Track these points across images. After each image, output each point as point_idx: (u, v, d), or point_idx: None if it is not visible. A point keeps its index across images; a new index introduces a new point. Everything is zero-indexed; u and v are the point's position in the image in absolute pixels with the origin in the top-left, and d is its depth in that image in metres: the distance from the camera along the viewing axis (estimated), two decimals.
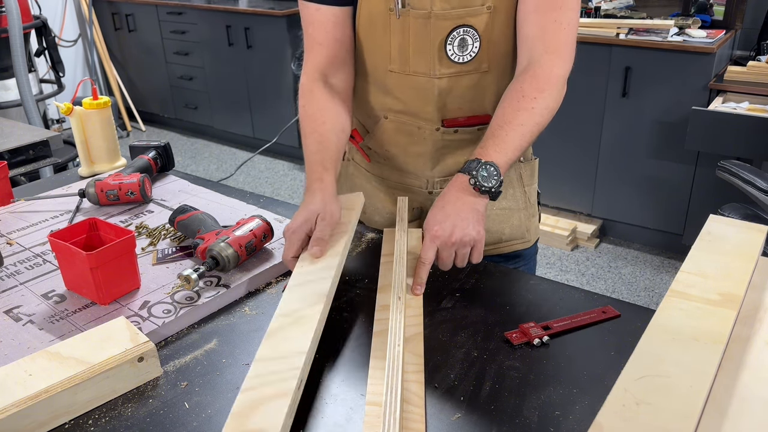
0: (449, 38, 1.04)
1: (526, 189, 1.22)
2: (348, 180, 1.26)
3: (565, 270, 3.00)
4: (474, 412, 0.72)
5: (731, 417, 0.62)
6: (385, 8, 1.05)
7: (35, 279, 0.97)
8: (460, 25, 1.03)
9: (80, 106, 1.34)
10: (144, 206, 1.21)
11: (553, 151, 3.05)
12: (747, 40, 3.04)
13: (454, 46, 1.05)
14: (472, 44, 1.05)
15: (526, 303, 0.92)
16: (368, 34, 1.09)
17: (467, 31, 1.04)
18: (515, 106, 1.01)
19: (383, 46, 1.08)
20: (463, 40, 1.04)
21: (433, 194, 1.18)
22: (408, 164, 1.17)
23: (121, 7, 4.66)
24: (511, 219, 1.21)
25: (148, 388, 0.77)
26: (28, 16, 3.03)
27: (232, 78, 4.28)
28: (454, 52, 1.05)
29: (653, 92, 2.79)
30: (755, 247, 0.87)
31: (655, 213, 3.02)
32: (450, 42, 1.04)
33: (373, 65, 1.11)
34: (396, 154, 1.17)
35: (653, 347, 0.68)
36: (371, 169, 1.22)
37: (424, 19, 1.03)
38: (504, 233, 1.21)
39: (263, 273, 0.97)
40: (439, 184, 1.17)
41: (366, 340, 0.84)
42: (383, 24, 1.06)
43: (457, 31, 1.04)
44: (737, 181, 2.07)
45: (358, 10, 1.07)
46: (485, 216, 0.98)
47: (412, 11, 1.03)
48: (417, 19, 1.03)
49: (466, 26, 1.04)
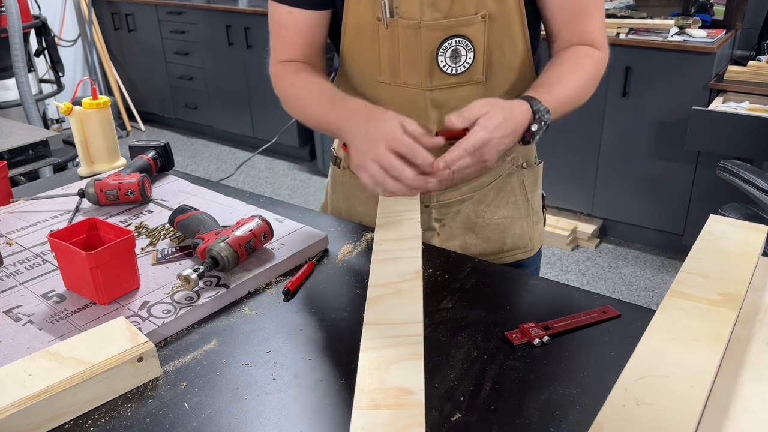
0: (441, 49, 1.00)
1: (529, 196, 1.17)
2: (344, 188, 1.22)
3: (565, 270, 3.00)
4: (474, 412, 0.72)
5: (731, 417, 0.62)
6: (372, 18, 1.00)
7: (35, 279, 0.97)
8: (452, 36, 0.99)
9: (80, 106, 1.34)
10: (144, 206, 1.21)
11: (554, 151, 3.05)
12: (747, 40, 3.04)
13: (446, 58, 1.00)
14: (465, 55, 1.01)
15: (526, 303, 0.92)
16: (355, 44, 1.05)
17: (460, 41, 1.00)
18: (572, 71, 1.01)
19: (372, 56, 1.04)
20: (456, 51, 1.00)
21: (430, 207, 1.14)
22: None
23: (121, 6, 4.66)
24: (512, 228, 1.16)
25: (148, 388, 0.77)
26: (27, 15, 3.04)
27: (232, 78, 4.28)
28: (446, 63, 1.01)
29: (653, 92, 2.79)
30: (755, 247, 0.87)
31: (656, 213, 3.02)
32: (442, 53, 1.00)
33: (361, 76, 1.07)
34: None
35: (653, 347, 0.68)
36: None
37: (414, 29, 0.99)
38: (506, 243, 1.17)
39: (263, 273, 0.97)
40: (435, 196, 1.14)
41: None
42: (371, 34, 1.02)
43: (449, 41, 1.00)
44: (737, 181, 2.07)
45: (344, 19, 1.03)
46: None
47: (401, 21, 0.99)
48: (406, 29, 0.99)
49: (459, 36, 0.99)
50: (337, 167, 1.24)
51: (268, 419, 0.71)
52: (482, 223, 1.15)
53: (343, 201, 1.23)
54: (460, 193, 1.14)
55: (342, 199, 1.23)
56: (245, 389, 0.76)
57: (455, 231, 1.16)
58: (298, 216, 1.15)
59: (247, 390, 0.76)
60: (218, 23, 4.14)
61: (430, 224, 1.15)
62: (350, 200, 1.22)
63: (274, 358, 0.81)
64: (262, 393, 0.75)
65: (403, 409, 0.64)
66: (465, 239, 1.16)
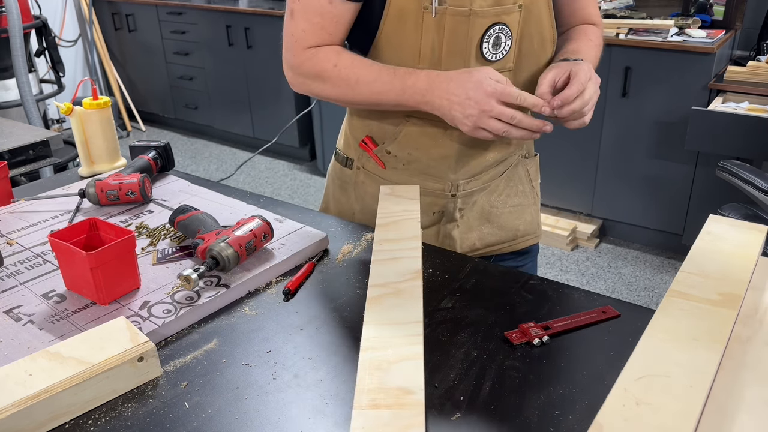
0: (485, 36, 1.03)
1: (533, 184, 1.24)
2: (357, 188, 1.22)
3: (565, 270, 3.00)
4: (474, 412, 0.72)
5: (731, 417, 0.62)
6: (418, 6, 1.01)
7: (35, 279, 0.97)
8: (496, 23, 1.03)
9: (80, 106, 1.34)
10: (144, 206, 1.21)
11: (553, 151, 3.05)
12: (747, 40, 3.05)
13: (490, 45, 1.04)
14: (505, 42, 1.05)
15: (526, 303, 0.92)
16: (396, 32, 1.05)
17: (502, 29, 1.04)
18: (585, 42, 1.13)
19: (413, 45, 1.05)
20: (498, 38, 1.04)
21: (457, 196, 1.16)
22: (430, 167, 1.14)
23: (121, 7, 4.66)
24: (524, 215, 1.22)
25: (148, 388, 0.77)
26: (28, 16, 3.03)
27: (232, 78, 4.28)
28: (489, 50, 1.05)
29: (653, 92, 2.80)
30: (755, 247, 0.87)
31: (655, 213, 3.02)
32: (486, 40, 1.04)
33: (397, 64, 1.06)
34: (418, 157, 1.14)
35: (653, 347, 0.68)
36: (385, 175, 1.17)
37: (464, 17, 1.01)
38: (519, 230, 1.23)
39: (263, 273, 0.98)
40: (462, 186, 1.15)
41: None
42: (415, 22, 1.03)
43: (493, 29, 1.03)
44: (737, 181, 2.07)
45: (387, 6, 1.03)
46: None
47: (450, 9, 1.01)
48: (455, 17, 1.01)
49: (501, 24, 1.03)
50: (348, 168, 1.22)
51: (268, 419, 0.71)
52: (496, 213, 1.21)
53: (356, 202, 1.23)
54: (482, 182, 1.18)
55: (355, 200, 1.23)
56: (245, 389, 0.76)
57: (472, 222, 1.20)
58: (298, 216, 1.15)
59: (247, 390, 0.76)
60: (218, 23, 4.14)
61: (453, 215, 1.18)
62: (365, 200, 1.21)
63: (274, 358, 0.81)
64: (262, 393, 0.75)
65: (403, 409, 0.65)
66: (482, 230, 1.21)
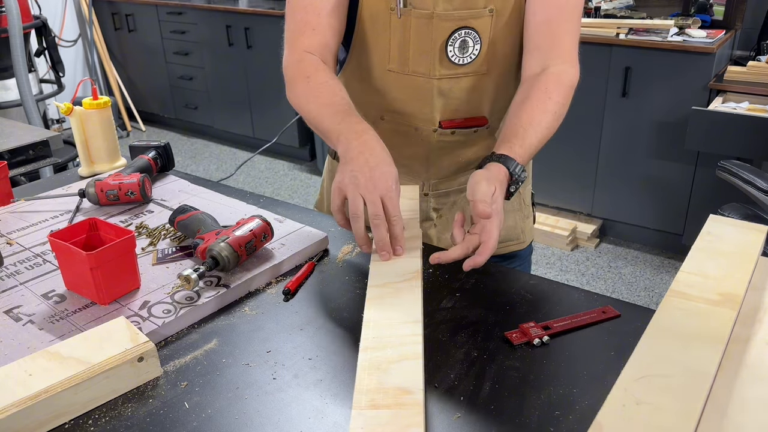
0: (450, 39, 1.04)
1: (521, 190, 1.22)
2: None
3: (565, 270, 3.00)
4: (474, 412, 0.72)
5: (731, 417, 0.62)
6: (386, 7, 1.04)
7: (35, 279, 0.97)
8: (462, 27, 1.03)
9: (80, 106, 1.34)
10: (144, 206, 1.21)
11: (553, 151, 3.04)
12: (747, 40, 3.05)
13: (455, 48, 1.04)
14: (473, 46, 1.05)
15: (526, 303, 0.92)
16: (368, 32, 1.08)
17: (468, 33, 1.04)
18: (542, 108, 0.99)
19: (383, 44, 1.07)
20: (464, 42, 1.04)
21: (429, 196, 1.17)
22: (403, 166, 1.14)
23: (121, 7, 4.66)
24: (506, 220, 1.20)
25: (148, 388, 0.77)
26: (28, 16, 3.03)
27: (232, 78, 4.28)
28: (454, 53, 1.05)
29: (653, 92, 2.80)
30: (755, 247, 0.87)
31: (655, 213, 3.02)
32: (451, 43, 1.04)
33: (371, 64, 1.10)
34: (393, 156, 1.15)
35: (653, 347, 0.68)
36: None
37: (426, 19, 1.02)
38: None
39: (263, 273, 0.97)
40: (434, 185, 1.17)
41: None
42: (384, 22, 1.05)
43: (458, 32, 1.03)
44: (737, 181, 2.07)
45: (360, 6, 1.06)
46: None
47: (414, 11, 1.02)
48: (419, 19, 1.03)
49: (468, 28, 1.03)
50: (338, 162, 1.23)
51: (268, 419, 0.71)
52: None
53: None
54: (458, 183, 1.18)
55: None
56: (245, 389, 0.76)
57: (451, 222, 1.18)
58: (298, 216, 1.15)
59: (247, 390, 0.76)
60: (218, 23, 4.14)
61: (428, 214, 1.19)
62: None
63: (274, 358, 0.81)
64: (262, 393, 0.75)
65: (403, 409, 0.65)
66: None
